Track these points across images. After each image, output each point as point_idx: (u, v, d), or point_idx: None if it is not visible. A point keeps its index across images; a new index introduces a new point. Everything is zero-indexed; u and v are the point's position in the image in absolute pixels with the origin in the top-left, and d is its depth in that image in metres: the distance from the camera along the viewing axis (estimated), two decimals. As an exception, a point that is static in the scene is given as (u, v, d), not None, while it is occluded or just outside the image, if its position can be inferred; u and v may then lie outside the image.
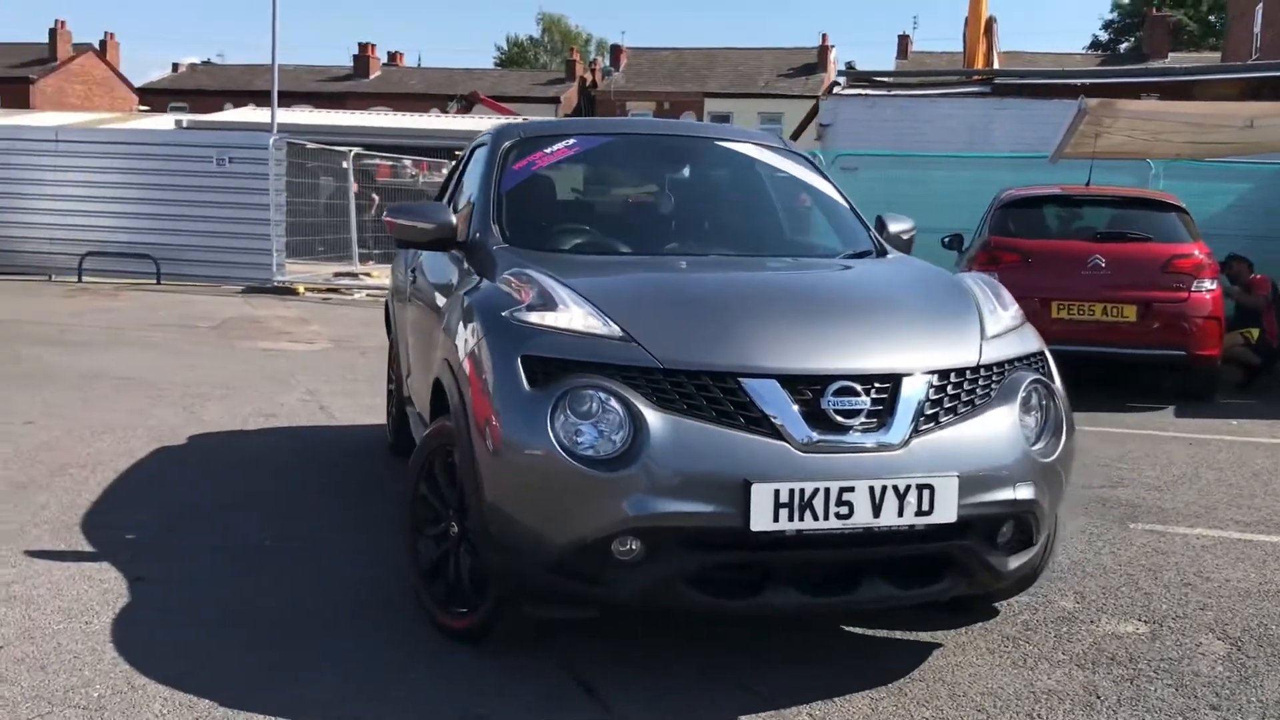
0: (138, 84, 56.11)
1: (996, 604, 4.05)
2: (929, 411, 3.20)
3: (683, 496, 3.01)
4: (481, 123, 28.32)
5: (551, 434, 3.07)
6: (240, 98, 47.46)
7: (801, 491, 3.01)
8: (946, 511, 3.12)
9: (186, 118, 29.72)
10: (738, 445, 3.04)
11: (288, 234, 17.10)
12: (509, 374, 3.18)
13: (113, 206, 17.24)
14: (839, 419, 3.11)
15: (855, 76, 16.50)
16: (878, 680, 3.43)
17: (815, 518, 3.02)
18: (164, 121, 28.26)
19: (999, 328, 3.54)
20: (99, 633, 3.61)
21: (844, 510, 3.04)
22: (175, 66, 57.29)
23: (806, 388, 3.12)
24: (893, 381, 3.19)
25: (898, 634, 3.81)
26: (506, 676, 3.38)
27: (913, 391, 3.19)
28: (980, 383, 3.34)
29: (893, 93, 16.01)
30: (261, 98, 47.76)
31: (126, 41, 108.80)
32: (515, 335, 3.26)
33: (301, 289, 16.49)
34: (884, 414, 3.15)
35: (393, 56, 54.77)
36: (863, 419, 3.13)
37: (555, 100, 48.47)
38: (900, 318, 3.47)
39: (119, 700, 3.15)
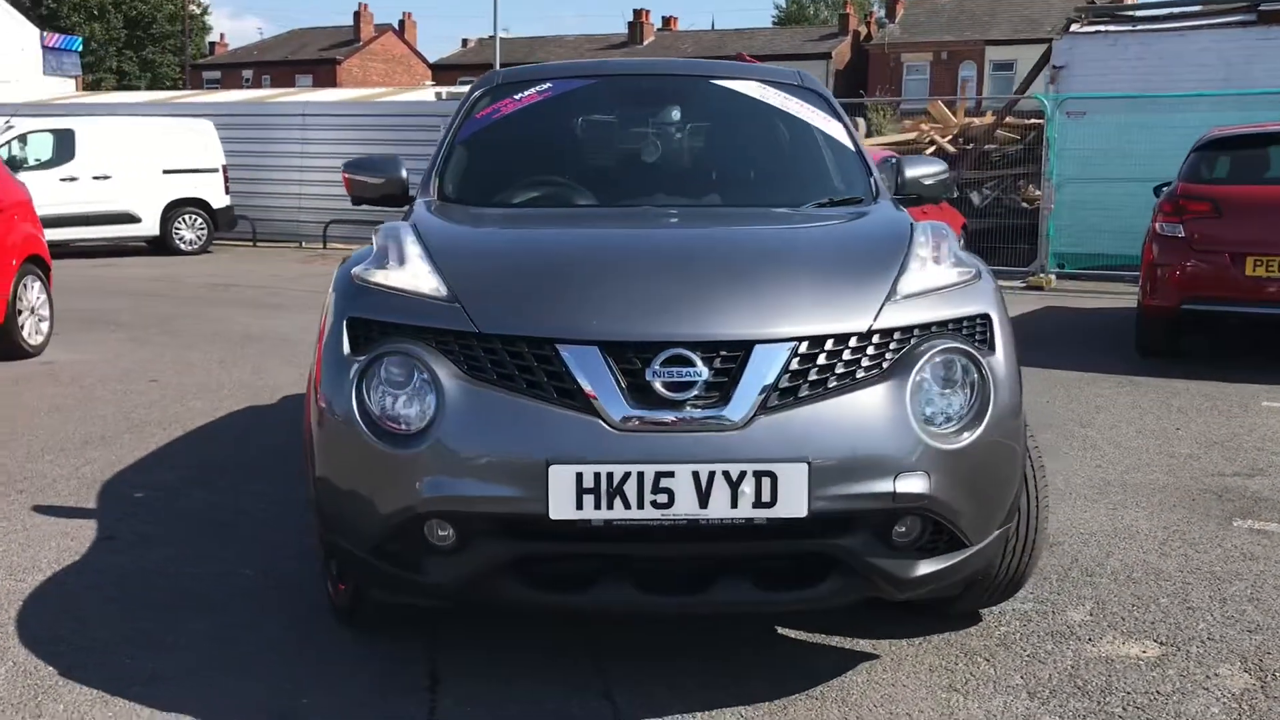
0: (432, 60, 59.22)
1: (985, 609, 3.47)
2: (786, 385, 2.69)
3: (481, 478, 2.66)
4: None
5: (355, 404, 2.80)
6: (523, 69, 49.25)
7: (610, 476, 2.59)
8: (793, 505, 2.61)
9: (447, 90, 30.94)
10: (543, 421, 2.65)
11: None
12: (335, 336, 2.94)
13: (354, 176, 18.15)
14: (665, 393, 2.66)
15: (1096, 13, 14.95)
16: (764, 695, 2.97)
17: (628, 506, 2.60)
18: (425, 94, 29.53)
19: (919, 286, 2.93)
20: (19, 593, 3.65)
21: (662, 499, 2.60)
22: (465, 42, 60.01)
23: (636, 356, 2.69)
24: (743, 350, 2.70)
25: (834, 640, 3.30)
26: (357, 660, 3.16)
27: (765, 362, 2.68)
28: (869, 352, 2.78)
29: (1138, 28, 14.39)
30: (542, 68, 49.18)
31: (423, 20, 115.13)
32: (350, 295, 3.00)
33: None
34: (729, 387, 2.68)
35: (667, 21, 55.06)
36: (697, 393, 2.66)
37: (827, 56, 47.28)
38: (787, 277, 2.94)
39: (-26, 662, 3.16)
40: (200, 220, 16.84)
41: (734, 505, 2.61)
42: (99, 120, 16.89)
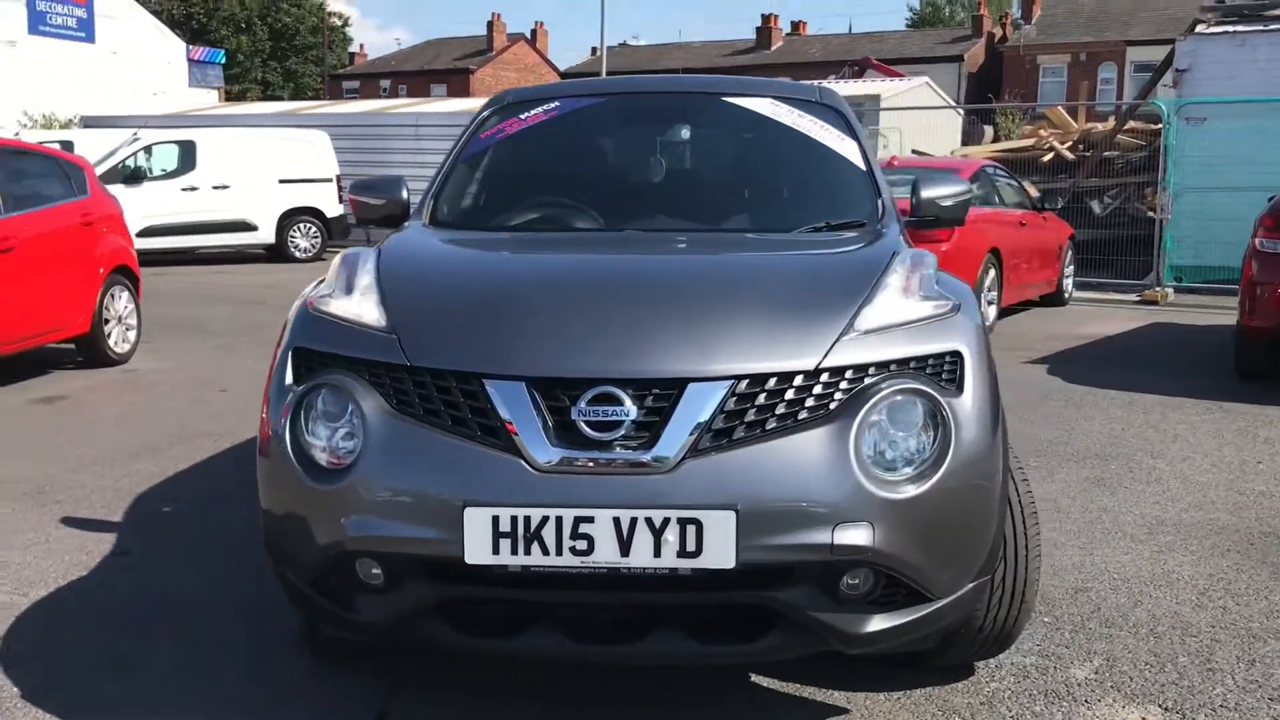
0: (563, 68, 59.89)
1: (981, 662, 3.25)
2: (720, 426, 2.54)
3: (401, 518, 2.58)
4: (869, 86, 27.40)
5: (289, 435, 2.75)
6: (649, 76, 49.56)
7: (528, 519, 2.48)
8: (721, 555, 2.46)
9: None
10: (463, 461, 2.55)
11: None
12: (281, 365, 2.90)
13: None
14: (591, 433, 2.53)
15: (1226, 11, 14.14)
16: (713, 749, 2.82)
17: (545, 552, 2.48)
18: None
19: (882, 320, 2.74)
20: (16, 608, 3.71)
21: (582, 545, 2.47)
22: (594, 50, 60.47)
23: (564, 394, 2.57)
24: (675, 389, 2.56)
25: (807, 691, 3.13)
26: (311, 692, 3.12)
27: (698, 401, 2.53)
28: (816, 391, 2.60)
29: (1269, 27, 13.57)
30: (669, 75, 49.33)
31: (555, 30, 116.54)
32: (301, 324, 2.96)
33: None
34: (658, 428, 2.54)
35: (796, 26, 54.55)
36: (625, 433, 2.53)
37: (958, 59, 46.15)
38: (735, 309, 2.77)
39: (-51, 678, 3.22)
40: (314, 228, 17.28)
41: (657, 554, 2.47)
42: (218, 132, 17.48)
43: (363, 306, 2.88)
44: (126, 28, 34.03)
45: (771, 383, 2.59)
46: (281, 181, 16.89)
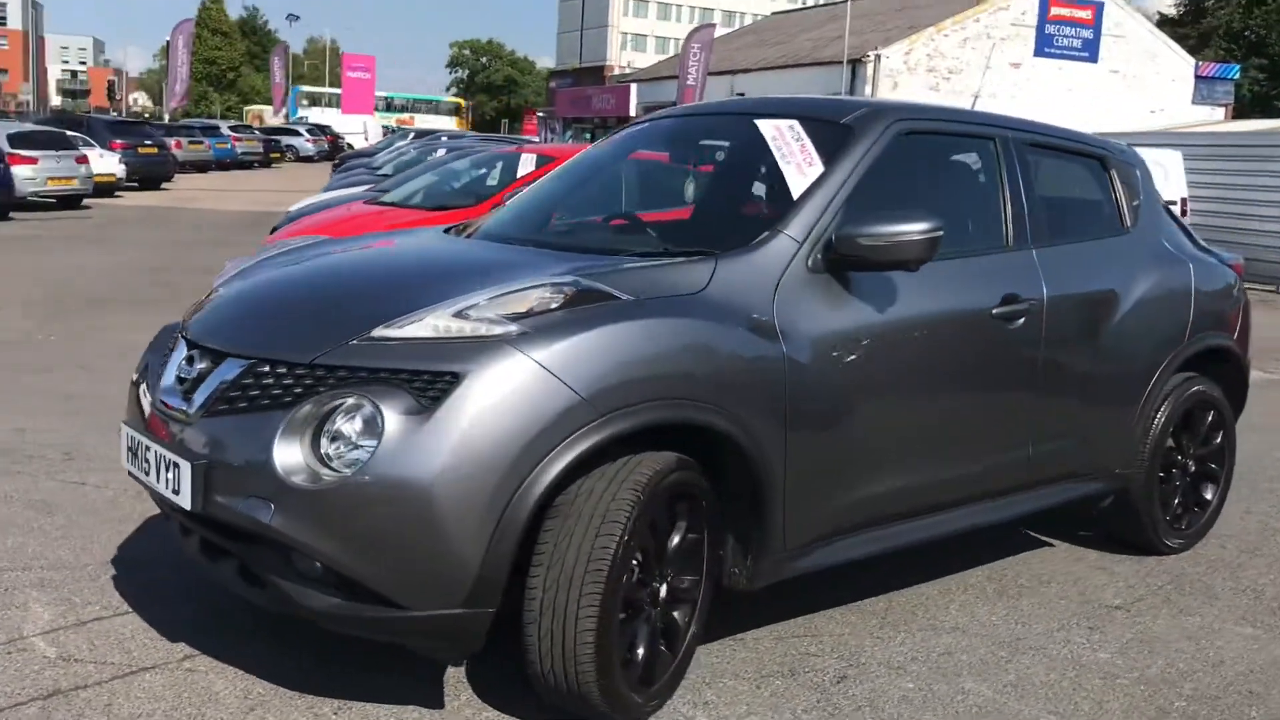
0: None
1: None
2: (232, 395, 3.01)
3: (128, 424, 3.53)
4: None
5: None
6: None
7: (132, 439, 3.28)
8: (185, 498, 2.99)
9: None
10: (144, 391, 3.40)
11: None
12: None
13: None
14: (176, 384, 3.19)
15: None
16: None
17: (140, 468, 3.24)
18: None
19: (404, 334, 2.88)
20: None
21: (146, 466, 3.18)
22: None
23: (189, 352, 3.26)
24: (219, 359, 3.11)
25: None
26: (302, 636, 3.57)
27: (226, 372, 3.05)
28: (306, 382, 2.90)
29: None
30: None
31: None
32: None
33: None
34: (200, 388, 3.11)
35: None
36: (187, 388, 3.14)
37: None
38: (304, 303, 3.23)
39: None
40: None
41: (166, 486, 3.07)
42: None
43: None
44: (1130, 47, 34.48)
45: (279, 368, 2.97)
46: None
